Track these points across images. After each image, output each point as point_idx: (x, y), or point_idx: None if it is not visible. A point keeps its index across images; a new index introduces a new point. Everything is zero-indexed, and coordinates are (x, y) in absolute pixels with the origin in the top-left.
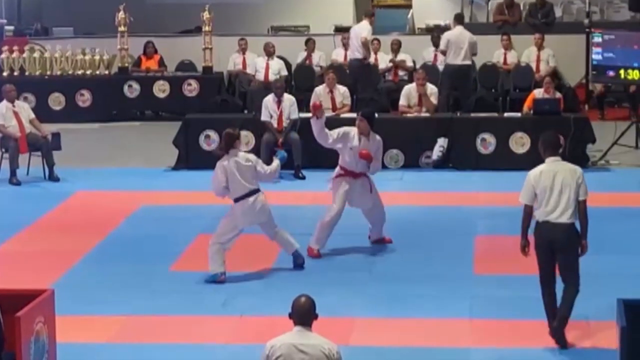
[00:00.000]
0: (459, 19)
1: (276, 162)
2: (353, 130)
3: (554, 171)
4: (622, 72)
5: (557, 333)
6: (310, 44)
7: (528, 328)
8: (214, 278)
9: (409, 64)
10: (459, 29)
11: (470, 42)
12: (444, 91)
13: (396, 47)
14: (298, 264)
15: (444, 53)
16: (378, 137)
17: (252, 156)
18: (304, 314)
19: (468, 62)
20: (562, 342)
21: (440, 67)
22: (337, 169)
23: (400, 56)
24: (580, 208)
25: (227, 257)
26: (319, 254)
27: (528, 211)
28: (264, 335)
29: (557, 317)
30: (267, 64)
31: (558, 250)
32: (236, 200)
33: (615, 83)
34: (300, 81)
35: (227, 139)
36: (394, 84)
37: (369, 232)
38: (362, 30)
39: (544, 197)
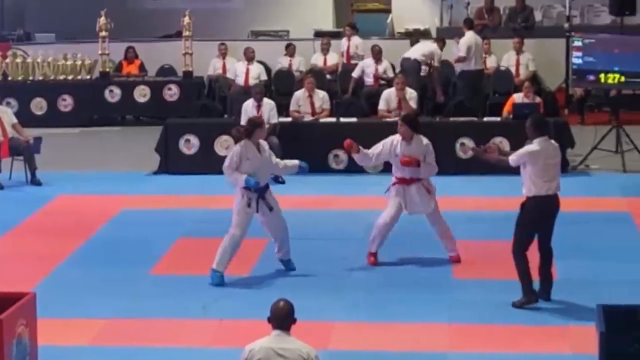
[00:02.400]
0: (470, 24)
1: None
2: (396, 138)
3: (550, 150)
4: (602, 76)
5: (547, 298)
6: (290, 49)
7: (507, 333)
8: None
9: (390, 73)
10: (472, 34)
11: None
12: (459, 97)
13: (378, 55)
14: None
15: (463, 60)
16: (426, 141)
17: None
18: (282, 318)
19: (481, 67)
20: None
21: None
22: (392, 177)
23: (383, 64)
24: None
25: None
26: (375, 260)
27: (506, 165)
28: (244, 339)
29: (547, 283)
30: (247, 69)
31: (550, 218)
32: None
33: (596, 87)
34: (280, 86)
35: (249, 126)
36: (373, 89)
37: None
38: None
39: (544, 174)
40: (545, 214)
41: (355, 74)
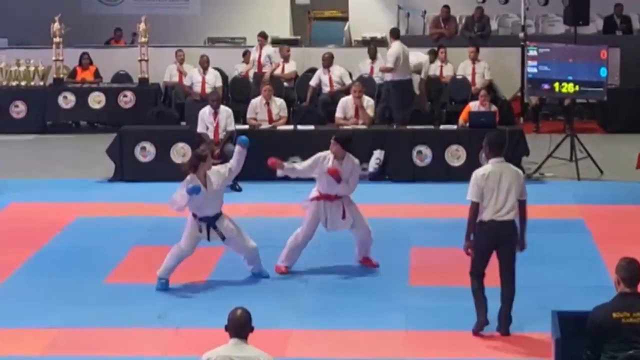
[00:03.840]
0: (396, 33)
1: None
2: (328, 155)
3: (500, 172)
4: (557, 85)
5: (505, 332)
6: (247, 56)
7: (463, 339)
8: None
9: (347, 80)
10: (399, 44)
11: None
12: (390, 107)
13: (327, 62)
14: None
15: (390, 70)
16: (355, 161)
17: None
18: (239, 327)
19: (410, 77)
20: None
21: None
22: (314, 190)
23: (335, 70)
24: (522, 207)
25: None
26: (287, 271)
27: (475, 209)
28: (200, 348)
29: (503, 319)
30: (203, 77)
31: (501, 246)
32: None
33: (550, 96)
34: (237, 93)
35: (193, 160)
36: (330, 97)
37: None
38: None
39: (491, 197)
40: (492, 242)
41: (312, 82)
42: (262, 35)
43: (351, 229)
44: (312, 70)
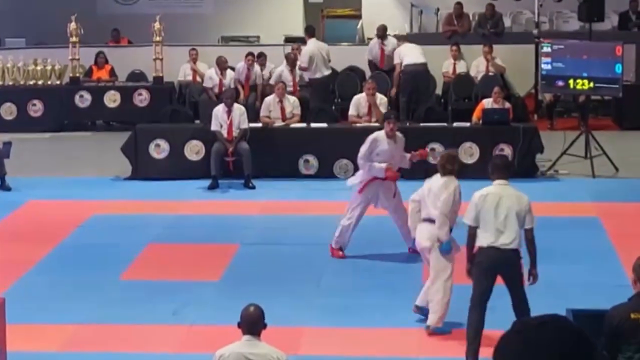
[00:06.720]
0: (312, 31)
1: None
2: (380, 136)
3: (500, 195)
4: (571, 82)
5: None
6: (261, 59)
7: None
8: None
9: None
10: (314, 42)
11: (327, 52)
12: (313, 104)
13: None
14: None
15: (305, 69)
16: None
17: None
18: (253, 323)
19: (329, 72)
20: None
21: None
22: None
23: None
24: (528, 237)
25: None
26: (344, 255)
27: (472, 232)
28: (214, 344)
29: None
30: (221, 79)
31: (505, 277)
32: None
33: (565, 93)
34: None
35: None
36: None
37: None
38: None
39: (488, 221)
40: (492, 270)
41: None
42: (252, 55)
43: (393, 213)
44: None
